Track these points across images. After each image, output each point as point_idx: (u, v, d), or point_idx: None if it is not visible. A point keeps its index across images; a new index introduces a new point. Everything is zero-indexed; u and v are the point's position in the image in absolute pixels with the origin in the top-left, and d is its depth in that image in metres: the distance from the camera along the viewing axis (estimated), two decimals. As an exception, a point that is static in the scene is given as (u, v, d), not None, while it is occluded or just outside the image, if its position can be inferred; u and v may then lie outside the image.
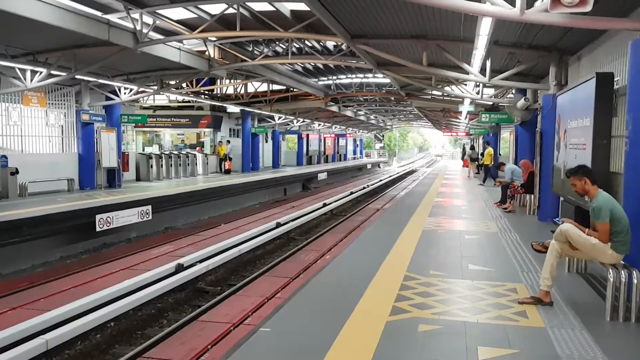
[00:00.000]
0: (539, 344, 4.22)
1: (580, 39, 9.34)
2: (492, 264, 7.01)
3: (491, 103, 20.28)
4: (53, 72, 13.85)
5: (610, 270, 4.77)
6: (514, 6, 5.40)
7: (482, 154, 30.35)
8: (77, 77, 14.94)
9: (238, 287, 9.38)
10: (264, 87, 26.45)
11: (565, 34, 9.33)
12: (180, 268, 9.76)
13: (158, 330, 7.53)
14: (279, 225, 14.85)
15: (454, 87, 18.17)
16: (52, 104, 17.12)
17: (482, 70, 11.76)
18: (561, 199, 9.81)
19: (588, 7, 4.77)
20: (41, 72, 13.83)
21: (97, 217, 12.71)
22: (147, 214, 14.56)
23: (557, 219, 6.90)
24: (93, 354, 6.91)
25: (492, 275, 6.43)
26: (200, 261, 10.40)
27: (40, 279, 9.88)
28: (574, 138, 7.97)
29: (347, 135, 55.19)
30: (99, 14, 11.68)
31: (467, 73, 11.96)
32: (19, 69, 13.85)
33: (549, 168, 10.21)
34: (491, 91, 18.08)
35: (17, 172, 14.73)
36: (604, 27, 6.98)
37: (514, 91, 17.00)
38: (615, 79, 7.05)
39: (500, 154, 27.18)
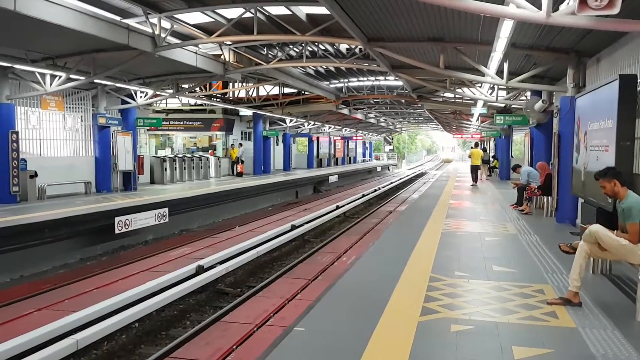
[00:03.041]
0: (573, 343, 4.26)
1: (600, 41, 9.35)
2: (515, 265, 7.04)
3: (503, 105, 20.28)
4: (72, 76, 14.00)
5: (641, 271, 4.80)
6: (540, 9, 5.44)
7: (495, 157, 30.44)
8: (94, 81, 15.11)
9: (258, 289, 9.45)
10: (275, 90, 26.57)
11: (584, 36, 9.34)
12: (200, 270, 9.84)
13: (182, 331, 7.61)
14: (294, 227, 14.91)
15: (465, 89, 18.21)
16: (70, 107, 17.32)
17: (499, 73, 11.80)
18: (580, 200, 9.81)
19: (616, 10, 4.81)
20: (60, 76, 13.99)
21: (116, 219, 12.84)
22: (164, 216, 14.68)
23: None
24: (120, 354, 7.00)
25: (517, 276, 6.46)
26: (220, 263, 10.47)
27: (62, 281, 10.00)
28: (595, 140, 7.98)
29: (357, 137, 55.21)
30: (118, 18, 11.84)
31: (484, 75, 11.99)
32: (39, 73, 14.04)
33: (567, 170, 10.21)
34: (504, 93, 18.08)
35: (36, 175, 14.94)
36: (631, 30, 6.97)
37: (528, 93, 16.98)
38: (639, 81, 7.07)
39: (512, 156, 27.14)
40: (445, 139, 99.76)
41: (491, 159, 30.35)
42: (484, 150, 33.22)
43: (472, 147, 26.32)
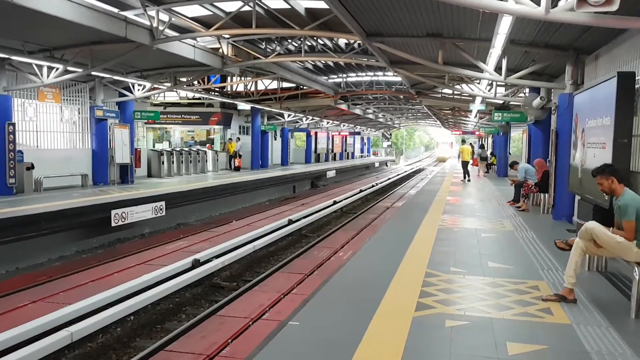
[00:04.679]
0: (567, 340, 4.27)
1: (598, 38, 9.33)
2: (511, 262, 7.05)
3: (502, 102, 20.28)
4: (69, 68, 13.95)
5: (636, 268, 4.79)
6: (539, 5, 5.42)
7: (492, 154, 30.49)
8: (92, 73, 15.05)
9: (254, 283, 9.44)
10: (274, 85, 26.52)
11: (582, 33, 9.32)
12: (196, 263, 9.82)
13: (177, 325, 7.60)
14: (291, 222, 14.89)
15: (464, 85, 18.19)
16: (67, 100, 17.27)
17: (498, 69, 11.78)
18: (577, 197, 9.82)
19: (614, 7, 4.79)
20: (58, 69, 13.95)
21: (113, 212, 12.81)
22: (161, 209, 14.65)
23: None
24: (115, 346, 6.98)
25: (512, 272, 6.47)
26: (216, 257, 10.46)
27: (57, 273, 9.96)
28: (592, 137, 7.97)
29: (355, 133, 55.22)
30: (115, 10, 11.76)
31: (482, 71, 11.97)
32: (36, 65, 13.99)
33: (564, 167, 10.22)
34: (503, 90, 18.07)
35: (32, 167, 14.92)
36: (629, 27, 6.95)
37: (527, 90, 16.98)
38: (637, 78, 7.06)
39: (510, 153, 27.19)
40: (443, 134, 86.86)
41: (489, 156, 30.40)
42: (482, 147, 33.26)
43: (461, 144, 26.42)
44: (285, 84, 26.65)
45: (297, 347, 4.15)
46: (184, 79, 19.67)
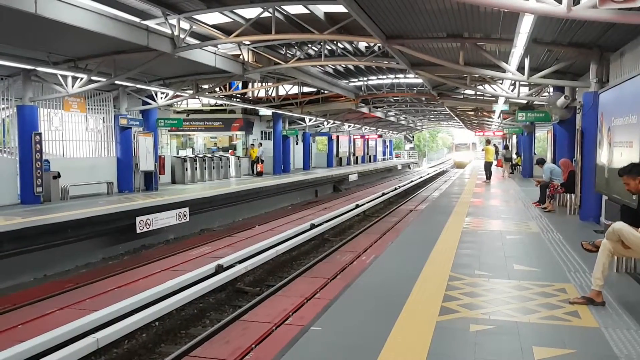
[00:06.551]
0: (595, 344, 4.16)
1: (623, 35, 9.14)
2: (537, 264, 6.92)
3: (525, 102, 20.02)
4: (93, 78, 14.20)
5: (666, 269, 4.68)
6: (561, 3, 5.34)
7: (518, 154, 30.14)
8: (115, 82, 15.28)
9: (277, 288, 9.45)
10: (295, 90, 26.61)
11: (607, 30, 9.15)
12: (220, 269, 9.87)
13: (201, 330, 7.65)
14: (313, 226, 14.89)
15: (486, 85, 18.00)
16: (92, 109, 17.53)
17: (520, 69, 11.63)
18: (604, 198, 9.62)
19: (638, 2, 4.70)
20: (82, 78, 14.20)
21: (138, 219, 12.96)
22: (185, 215, 14.78)
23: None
24: (140, 352, 7.05)
25: (538, 275, 6.35)
26: (239, 262, 10.50)
27: (84, 280, 10.11)
28: (619, 136, 7.82)
29: (376, 136, 55.03)
30: (137, 20, 11.94)
31: (505, 71, 11.84)
32: (61, 75, 14.26)
33: (590, 167, 10.04)
34: (526, 89, 17.84)
35: (59, 175, 15.17)
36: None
37: (550, 90, 16.73)
38: (664, 75, 6.91)
39: (535, 153, 26.81)
40: (463, 135, 74.50)
41: (514, 156, 30.05)
42: (506, 147, 32.87)
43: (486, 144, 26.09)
44: (306, 89, 26.71)
45: (320, 352, 4.13)
46: (205, 86, 19.85)
